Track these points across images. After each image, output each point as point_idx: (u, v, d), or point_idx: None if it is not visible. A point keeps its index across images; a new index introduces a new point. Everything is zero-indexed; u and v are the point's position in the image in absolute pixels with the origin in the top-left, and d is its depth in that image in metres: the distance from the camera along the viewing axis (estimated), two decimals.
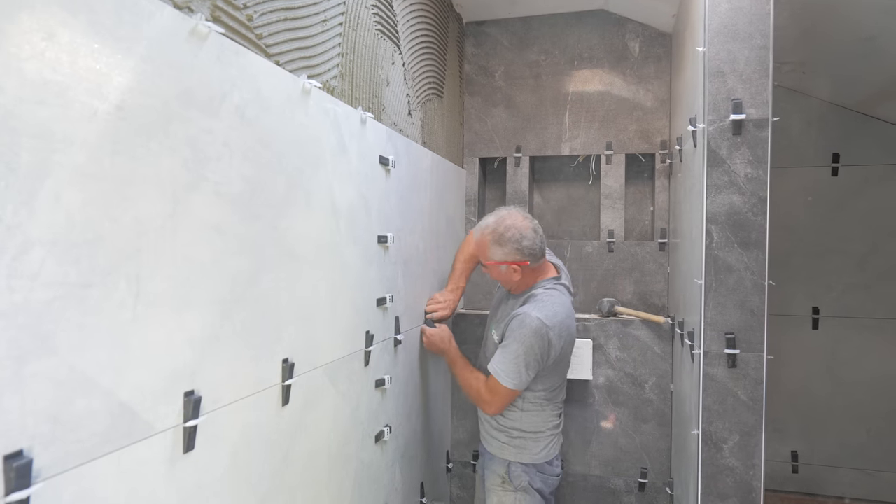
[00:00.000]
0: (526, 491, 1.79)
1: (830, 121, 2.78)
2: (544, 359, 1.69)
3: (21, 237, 0.63)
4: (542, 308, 1.69)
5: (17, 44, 0.63)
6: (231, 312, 0.98)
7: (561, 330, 1.70)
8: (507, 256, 1.72)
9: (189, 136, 0.88)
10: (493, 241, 1.73)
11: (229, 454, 0.99)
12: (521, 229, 1.71)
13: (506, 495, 1.81)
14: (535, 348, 1.66)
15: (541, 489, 1.81)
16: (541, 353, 1.67)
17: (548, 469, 1.82)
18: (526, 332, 1.66)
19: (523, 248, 1.70)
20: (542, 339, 1.65)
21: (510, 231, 1.71)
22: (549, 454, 1.82)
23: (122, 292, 0.76)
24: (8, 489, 0.62)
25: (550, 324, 1.66)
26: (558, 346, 1.70)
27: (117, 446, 0.76)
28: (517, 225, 1.72)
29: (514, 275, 1.74)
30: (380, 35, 1.67)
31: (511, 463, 1.80)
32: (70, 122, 0.68)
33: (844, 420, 2.80)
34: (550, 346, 1.67)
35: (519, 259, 1.71)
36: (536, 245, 1.72)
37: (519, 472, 1.79)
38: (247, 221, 1.02)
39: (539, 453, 1.81)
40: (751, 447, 1.52)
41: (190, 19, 0.88)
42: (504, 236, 1.71)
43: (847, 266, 2.79)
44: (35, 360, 0.65)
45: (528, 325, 1.66)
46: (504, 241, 1.71)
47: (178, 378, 0.87)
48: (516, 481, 1.80)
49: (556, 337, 1.68)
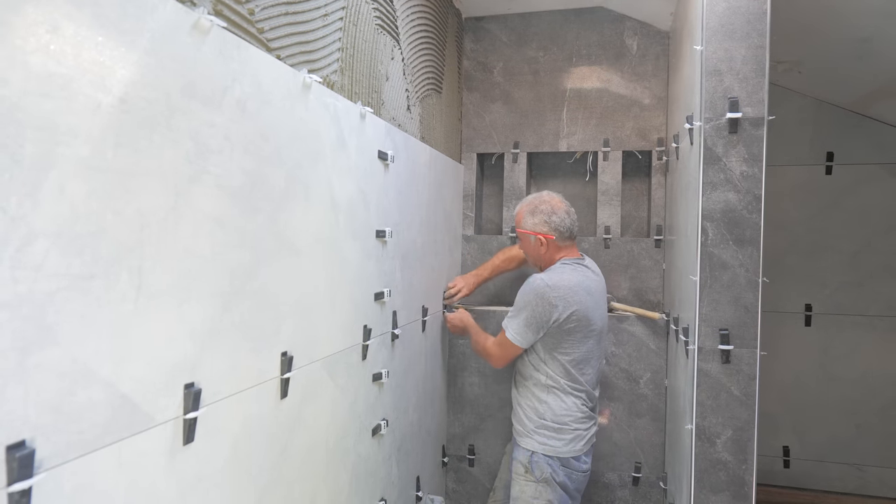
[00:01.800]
0: (547, 483, 1.82)
1: (825, 120, 2.80)
2: (545, 319, 1.77)
3: (25, 229, 0.64)
4: (550, 274, 1.83)
5: (22, 36, 0.63)
6: (231, 305, 0.99)
7: (567, 293, 1.77)
8: (536, 227, 1.90)
9: (191, 129, 0.88)
10: (528, 210, 1.93)
11: (229, 446, 1.00)
12: (555, 206, 1.91)
13: (527, 485, 1.84)
14: (535, 306, 1.77)
15: (564, 483, 1.83)
16: (541, 312, 1.77)
17: (573, 464, 1.84)
18: (527, 290, 1.81)
19: (552, 222, 1.88)
20: (541, 298, 1.77)
21: (544, 205, 1.91)
22: (575, 450, 1.84)
23: (124, 284, 0.77)
24: (10, 479, 0.62)
25: (553, 285, 1.77)
26: (563, 309, 1.77)
27: (118, 438, 0.77)
28: (552, 202, 1.92)
29: (541, 247, 1.91)
30: (379, 30, 1.67)
31: (534, 453, 1.84)
32: (74, 115, 0.69)
33: (835, 415, 2.83)
34: (552, 307, 1.76)
35: (546, 231, 1.89)
36: (566, 224, 1.89)
37: (542, 463, 1.83)
38: (247, 215, 1.03)
39: (563, 447, 1.83)
40: (743, 441, 1.54)
41: (192, 13, 0.88)
42: (538, 208, 1.91)
43: (840, 264, 2.81)
44: (38, 351, 0.65)
45: (531, 285, 1.80)
46: (537, 211, 1.91)
47: (178, 370, 0.87)
48: (538, 472, 1.83)
49: (559, 298, 1.76)
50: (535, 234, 1.90)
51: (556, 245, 1.90)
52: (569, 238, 1.91)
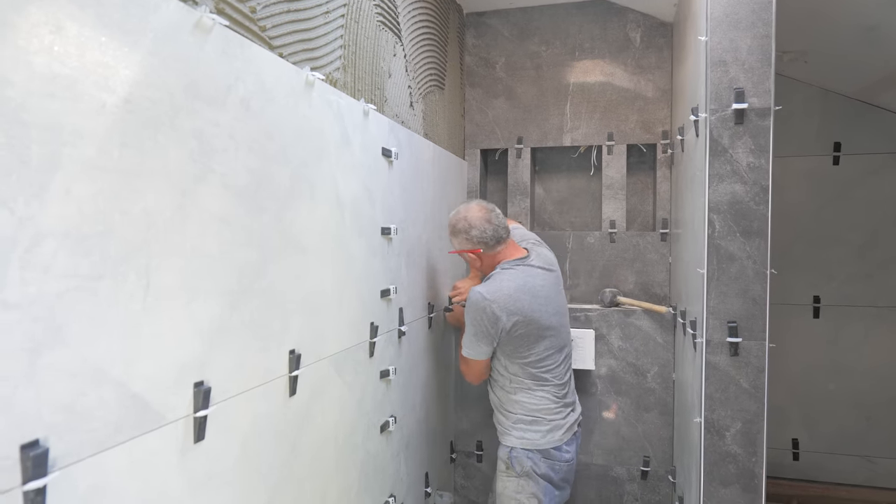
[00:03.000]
0: (528, 476, 1.81)
1: (832, 110, 2.78)
2: (493, 331, 1.77)
3: (33, 229, 0.64)
4: (488, 285, 1.81)
5: (26, 37, 0.63)
6: (239, 304, 0.99)
7: (506, 302, 1.76)
8: (462, 245, 1.88)
9: (195, 128, 0.88)
10: (451, 233, 1.92)
11: (239, 444, 1.00)
12: (471, 220, 1.85)
13: (509, 480, 1.83)
14: (480, 321, 1.77)
15: (547, 475, 1.82)
16: (487, 325, 1.76)
17: (555, 455, 1.83)
18: (469, 306, 1.80)
19: (472, 238, 1.84)
20: (482, 312, 1.76)
21: (460, 223, 1.87)
22: (555, 440, 1.83)
23: (132, 284, 0.77)
24: (25, 478, 0.63)
25: (491, 298, 1.75)
26: (506, 319, 1.75)
27: (129, 436, 0.77)
28: (468, 217, 1.86)
29: (475, 260, 1.89)
30: (381, 27, 1.67)
31: (513, 448, 1.84)
32: (79, 115, 0.69)
33: (845, 407, 2.82)
34: (495, 318, 1.75)
35: (470, 247, 1.86)
36: (487, 234, 1.84)
37: (521, 458, 1.81)
38: (253, 213, 1.03)
39: (541, 439, 1.82)
40: (753, 434, 1.54)
41: (195, 11, 0.88)
42: (456, 227, 1.88)
43: (848, 255, 2.79)
44: (49, 351, 0.66)
45: (471, 300, 1.79)
46: (456, 231, 1.88)
47: (187, 369, 0.88)
48: (518, 466, 1.82)
49: (500, 309, 1.75)
50: (464, 252, 1.88)
51: (489, 254, 1.86)
52: (497, 243, 1.86)
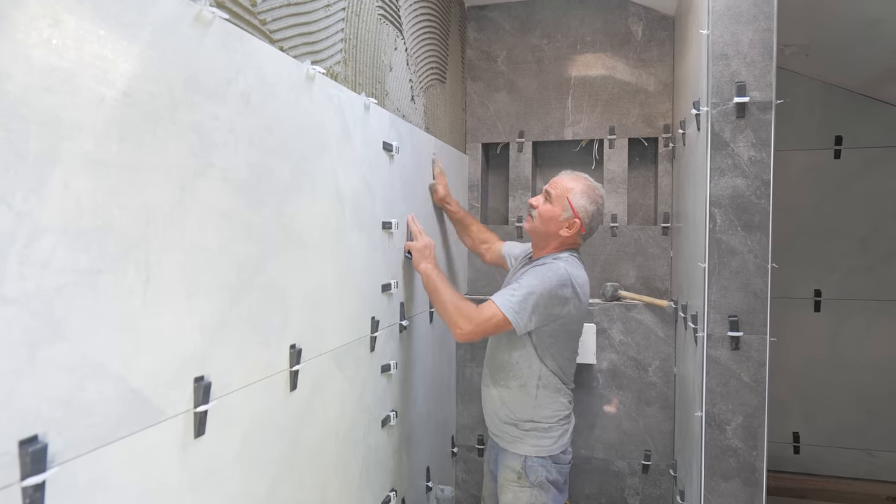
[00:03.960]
0: (541, 486, 1.71)
1: (833, 103, 2.77)
2: (555, 312, 1.62)
3: (31, 224, 0.63)
4: (571, 266, 1.67)
5: (24, 31, 0.62)
6: (239, 298, 0.99)
7: (581, 294, 1.66)
8: (582, 212, 1.70)
9: (195, 122, 0.87)
10: (585, 190, 1.72)
11: (239, 439, 1.00)
12: (601, 209, 1.77)
13: (521, 491, 1.72)
14: (552, 295, 1.59)
15: (556, 480, 1.74)
16: (555, 303, 1.60)
17: (562, 458, 1.76)
18: (550, 274, 1.60)
19: (594, 221, 1.74)
20: (563, 288, 1.60)
21: (601, 201, 1.75)
22: (563, 444, 1.76)
23: (131, 279, 0.77)
24: (24, 474, 0.62)
25: (574, 277, 1.64)
26: (574, 308, 1.65)
27: (129, 431, 0.77)
28: (603, 202, 1.78)
29: (563, 229, 1.71)
30: (382, 20, 1.66)
31: (527, 458, 1.72)
32: (78, 109, 0.68)
33: (845, 401, 2.82)
34: (567, 301, 1.62)
35: (584, 224, 1.71)
36: (593, 232, 1.78)
37: (536, 467, 1.71)
38: (253, 208, 1.02)
39: (553, 445, 1.74)
40: (754, 428, 1.54)
41: (194, 4, 0.87)
42: (594, 198, 1.73)
43: (849, 248, 2.79)
44: (48, 346, 0.66)
45: (555, 270, 1.61)
46: (592, 200, 1.72)
47: (187, 364, 0.87)
48: (532, 476, 1.71)
49: (575, 296, 1.63)
50: (575, 216, 1.69)
51: (576, 238, 1.74)
52: (584, 239, 1.79)
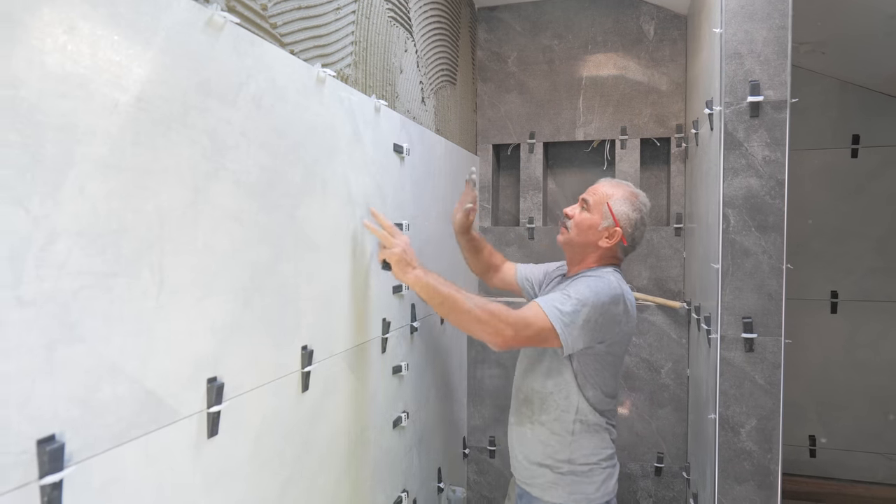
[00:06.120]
0: None
1: (850, 102, 2.73)
2: (605, 332, 1.41)
3: (48, 228, 0.64)
4: (621, 282, 1.49)
5: (39, 37, 0.63)
6: (251, 300, 1.00)
7: (632, 313, 1.47)
8: (623, 220, 1.51)
9: (207, 126, 0.88)
10: (627, 196, 1.54)
11: (252, 439, 1.01)
12: (645, 219, 1.57)
13: None
14: (606, 309, 1.39)
15: None
16: (607, 321, 1.41)
17: None
18: (602, 285, 1.41)
19: (637, 231, 1.54)
20: (616, 305, 1.41)
21: (644, 209, 1.56)
22: (607, 491, 1.50)
23: (145, 281, 0.78)
24: (42, 472, 0.63)
25: (629, 298, 1.46)
26: (624, 330, 1.46)
27: (144, 431, 0.78)
28: (647, 211, 1.59)
29: (604, 238, 1.52)
30: (392, 22, 1.67)
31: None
32: (92, 114, 0.69)
33: (863, 404, 2.78)
34: (618, 321, 1.43)
35: (624, 232, 1.52)
36: (636, 243, 1.57)
37: None
38: (265, 210, 1.03)
39: (595, 493, 1.48)
40: (768, 431, 1.52)
41: (206, 9, 0.88)
42: (638, 206, 1.54)
43: (867, 249, 2.75)
44: (64, 347, 0.67)
45: (607, 282, 1.43)
46: (634, 208, 1.53)
47: (201, 365, 0.88)
48: None
49: (626, 316, 1.44)
50: (616, 224, 1.51)
51: (616, 250, 1.55)
52: (626, 253, 1.59)
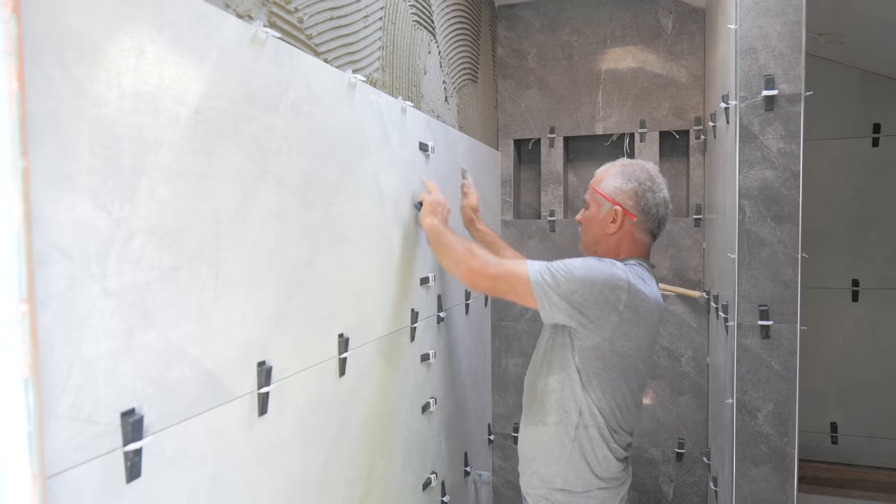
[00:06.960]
0: None
1: (871, 91, 2.73)
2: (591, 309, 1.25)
3: (126, 228, 0.74)
4: (632, 273, 1.30)
5: (117, 61, 0.72)
6: (293, 292, 1.09)
7: (641, 309, 1.28)
8: (618, 196, 1.34)
9: (254, 133, 0.97)
10: (619, 171, 1.38)
11: (297, 418, 1.10)
12: (656, 181, 1.36)
13: None
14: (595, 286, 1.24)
15: None
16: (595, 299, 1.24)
17: None
18: (603, 267, 1.27)
19: (644, 199, 1.34)
20: (613, 290, 1.25)
21: (643, 174, 1.36)
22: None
23: (204, 275, 0.87)
24: (125, 441, 0.73)
25: (638, 291, 1.27)
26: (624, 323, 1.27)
27: (206, 408, 0.87)
28: (654, 176, 1.37)
29: (610, 224, 1.36)
30: (416, 26, 1.74)
31: None
32: (159, 127, 0.79)
33: (885, 391, 2.79)
34: (611, 307, 1.25)
35: (629, 207, 1.34)
36: (659, 211, 1.36)
37: None
38: (304, 209, 1.12)
39: None
40: (785, 415, 1.57)
41: (250, 27, 0.97)
42: (634, 175, 1.36)
43: (888, 237, 2.75)
44: (141, 332, 0.76)
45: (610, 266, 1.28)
46: (629, 176, 1.35)
47: (251, 350, 0.98)
48: None
49: (628, 310, 1.26)
50: (612, 204, 1.35)
51: (632, 233, 1.36)
52: (650, 233, 1.38)
